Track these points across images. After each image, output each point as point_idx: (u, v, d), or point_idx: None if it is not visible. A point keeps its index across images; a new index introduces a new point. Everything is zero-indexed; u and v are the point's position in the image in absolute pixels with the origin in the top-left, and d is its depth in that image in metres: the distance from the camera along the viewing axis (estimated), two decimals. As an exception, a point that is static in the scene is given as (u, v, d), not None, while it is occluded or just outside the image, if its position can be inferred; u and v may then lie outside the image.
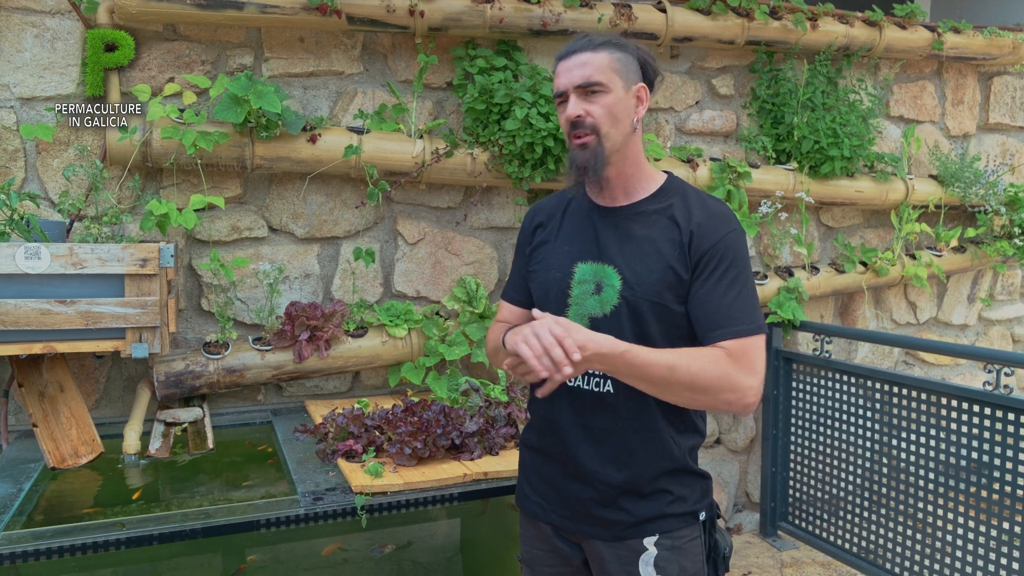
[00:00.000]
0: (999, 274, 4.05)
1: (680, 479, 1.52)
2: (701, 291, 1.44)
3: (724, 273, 1.44)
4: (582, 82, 1.46)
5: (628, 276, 1.46)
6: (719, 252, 1.44)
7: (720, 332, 1.41)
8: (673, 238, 1.47)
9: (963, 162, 3.67)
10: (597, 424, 1.50)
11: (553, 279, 1.54)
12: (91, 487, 2.06)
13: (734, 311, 1.42)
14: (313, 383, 2.76)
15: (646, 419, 1.49)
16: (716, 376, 1.37)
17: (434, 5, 2.70)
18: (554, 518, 1.57)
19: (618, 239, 1.50)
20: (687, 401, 1.39)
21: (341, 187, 2.78)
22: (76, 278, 2.10)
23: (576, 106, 1.46)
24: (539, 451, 1.60)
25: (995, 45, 3.70)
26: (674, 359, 1.36)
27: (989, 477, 2.55)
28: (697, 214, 1.48)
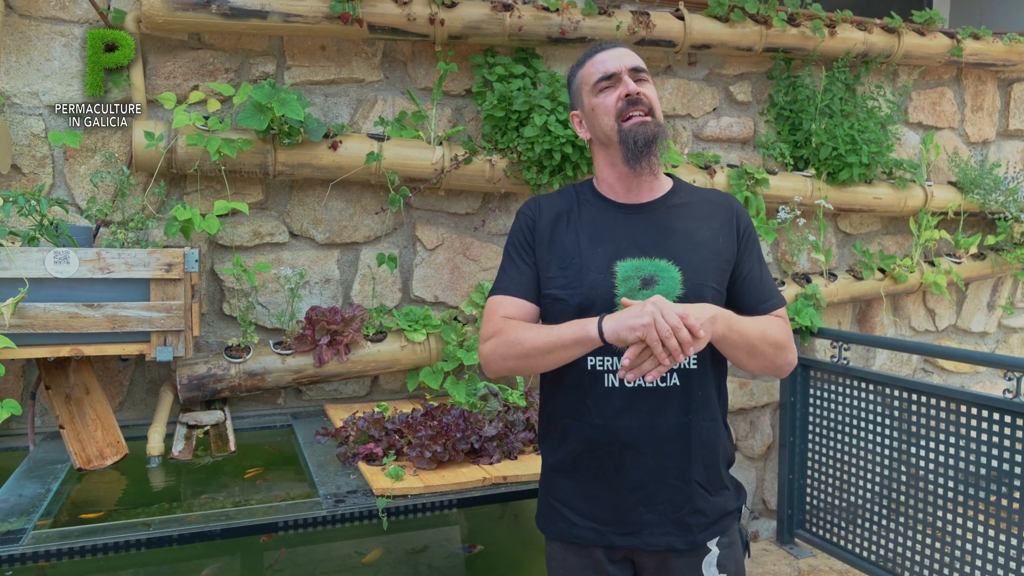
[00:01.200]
0: (1019, 281, 4.02)
1: (729, 471, 1.57)
2: (747, 268, 1.54)
3: (758, 252, 1.58)
4: (635, 65, 1.52)
5: (687, 267, 1.48)
6: (751, 233, 1.58)
7: (770, 303, 1.53)
8: (715, 227, 1.54)
9: (983, 168, 3.65)
10: (666, 421, 1.47)
11: (594, 281, 1.48)
12: (116, 488, 2.09)
13: (770, 284, 1.57)
14: (332, 387, 2.79)
15: (711, 409, 1.50)
16: (785, 337, 1.49)
17: (454, 14, 2.73)
18: (613, 539, 1.48)
19: (662, 233, 1.52)
20: (765, 361, 1.46)
21: (361, 193, 2.81)
22: (103, 282, 2.14)
23: (633, 84, 1.50)
24: (584, 470, 1.50)
25: (1015, 51, 3.68)
26: (760, 323, 1.47)
27: (1010, 486, 2.54)
28: (725, 202, 1.60)
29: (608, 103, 1.50)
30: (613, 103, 1.50)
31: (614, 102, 1.49)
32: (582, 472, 1.51)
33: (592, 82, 1.53)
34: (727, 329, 1.39)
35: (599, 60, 1.53)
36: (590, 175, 2.86)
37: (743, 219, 1.58)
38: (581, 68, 1.58)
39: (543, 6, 2.85)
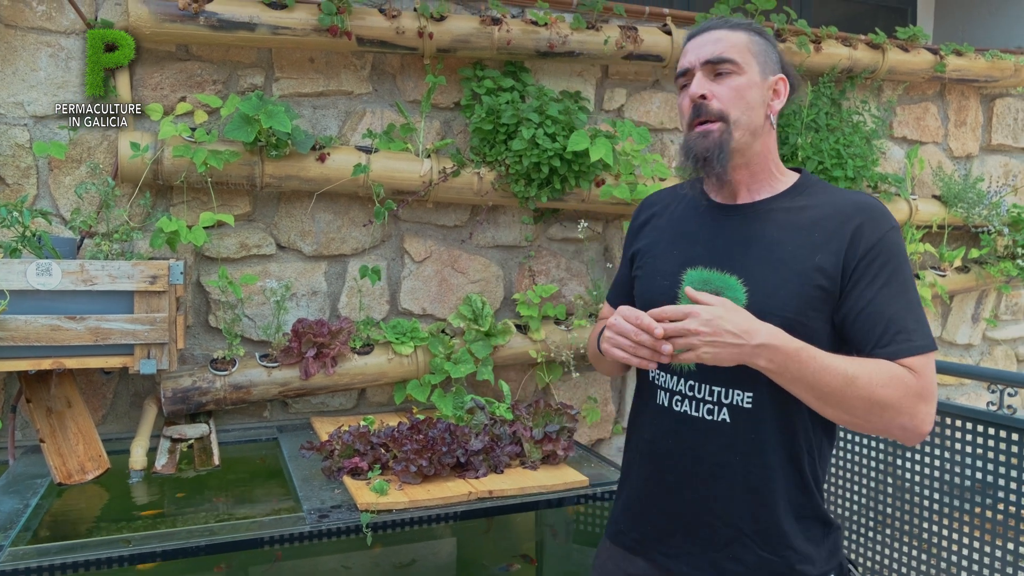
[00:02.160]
0: (1003, 294, 4.05)
1: (808, 532, 1.30)
2: (864, 299, 1.22)
3: (891, 277, 1.22)
4: (712, 57, 1.28)
5: (756, 288, 1.25)
6: (882, 253, 1.23)
7: (896, 348, 1.19)
8: (816, 241, 1.25)
9: (966, 183, 3.69)
10: (711, 457, 1.29)
11: (659, 288, 1.35)
12: (97, 503, 2.07)
13: (909, 322, 1.21)
14: (319, 400, 2.77)
15: (767, 457, 1.27)
16: (899, 396, 1.17)
17: (443, 27, 2.73)
18: (657, 557, 1.37)
19: (742, 243, 1.30)
20: (855, 418, 1.20)
21: (349, 205, 2.80)
22: (86, 294, 2.12)
23: (701, 84, 1.29)
24: (637, 479, 1.42)
25: (997, 68, 3.73)
26: (855, 369, 1.17)
27: (994, 497, 2.55)
28: (848, 210, 1.26)
29: (683, 106, 1.33)
30: (686, 107, 1.32)
31: (686, 106, 1.32)
32: (634, 482, 1.43)
33: (676, 76, 1.36)
34: (773, 364, 1.16)
35: (686, 49, 1.34)
36: (578, 188, 2.88)
37: (869, 233, 1.23)
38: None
39: (532, 20, 2.86)
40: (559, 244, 3.12)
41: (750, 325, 1.16)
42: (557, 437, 2.25)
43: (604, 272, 3.17)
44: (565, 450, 2.26)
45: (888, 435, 1.22)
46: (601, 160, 2.76)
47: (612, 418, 3.20)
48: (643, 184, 2.92)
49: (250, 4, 2.55)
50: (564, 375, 3.02)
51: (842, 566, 1.35)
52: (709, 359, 1.16)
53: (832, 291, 1.24)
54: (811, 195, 1.32)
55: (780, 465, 1.28)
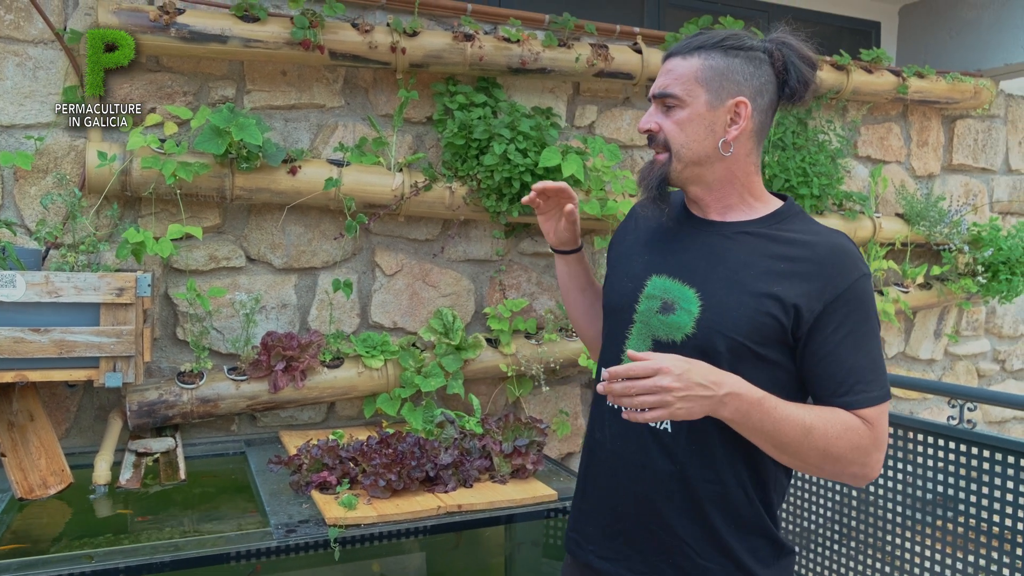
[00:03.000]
0: (964, 311, 4.15)
1: (755, 551, 1.29)
2: (827, 347, 1.22)
3: (854, 327, 1.22)
4: (657, 92, 1.32)
5: (710, 304, 1.26)
6: (850, 301, 1.23)
7: (853, 398, 1.22)
8: (782, 272, 1.25)
9: (928, 201, 3.78)
10: (653, 463, 1.30)
11: (623, 289, 1.37)
12: (60, 518, 2.04)
13: (867, 373, 1.22)
14: (288, 413, 2.76)
15: (712, 466, 1.27)
16: (850, 447, 1.20)
17: (416, 42, 2.75)
18: (593, 560, 1.37)
19: (707, 257, 1.30)
20: (807, 466, 1.22)
21: (320, 218, 2.80)
22: (51, 306, 2.09)
23: (649, 118, 1.32)
24: (586, 480, 1.43)
25: (957, 90, 3.84)
26: (811, 420, 1.19)
27: (955, 511, 2.60)
28: (821, 252, 1.25)
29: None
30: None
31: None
32: (583, 483, 1.44)
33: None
34: (736, 414, 1.17)
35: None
36: (549, 203, 2.90)
37: (839, 279, 1.23)
38: None
39: (504, 37, 2.89)
40: (530, 259, 3.14)
41: (717, 376, 1.16)
42: (527, 451, 2.26)
43: (575, 286, 3.19)
44: (535, 464, 2.27)
45: (838, 480, 1.24)
46: (573, 176, 2.79)
47: (582, 432, 3.21)
48: (613, 200, 2.95)
49: (222, 17, 2.55)
50: (534, 389, 3.03)
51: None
52: (682, 415, 1.14)
53: (786, 324, 1.23)
54: (789, 226, 1.31)
55: (723, 478, 1.28)
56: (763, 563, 1.29)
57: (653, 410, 1.12)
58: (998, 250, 3.74)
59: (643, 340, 1.31)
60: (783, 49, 1.31)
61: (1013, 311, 4.30)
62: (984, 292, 3.83)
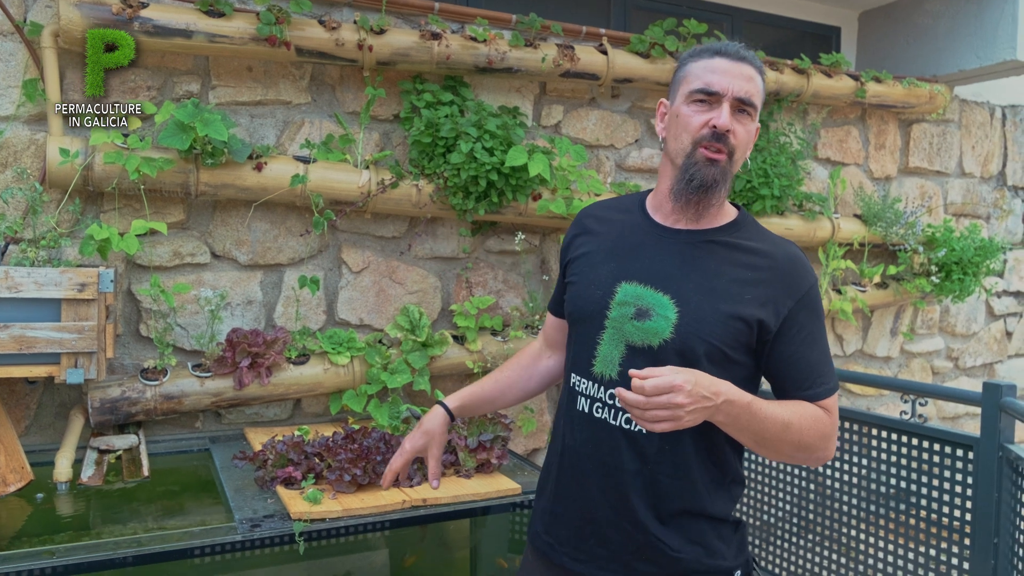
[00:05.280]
0: (919, 309, 4.27)
1: (718, 530, 1.38)
2: (791, 348, 1.33)
3: (812, 329, 1.35)
4: (745, 97, 1.32)
5: (687, 311, 1.31)
6: (807, 306, 1.34)
7: (815, 391, 1.34)
8: (749, 280, 1.34)
9: (885, 203, 3.88)
10: (625, 465, 1.35)
11: (592, 297, 1.40)
12: (19, 516, 2.01)
13: (823, 368, 1.35)
14: (253, 410, 2.75)
15: (680, 465, 1.34)
16: (819, 436, 1.32)
17: (383, 40, 2.76)
18: (567, 561, 1.41)
19: (681, 265, 1.36)
20: (781, 456, 1.34)
21: (286, 215, 2.80)
22: (10, 302, 2.07)
23: (729, 118, 1.32)
24: (555, 482, 1.46)
25: (913, 95, 3.94)
26: (788, 416, 1.29)
27: (908, 503, 2.68)
28: (782, 263, 1.36)
29: (694, 122, 1.34)
30: (698, 125, 1.33)
31: (700, 125, 1.33)
32: (552, 485, 1.46)
33: (692, 87, 1.35)
34: (728, 417, 1.24)
35: (712, 67, 1.34)
36: (515, 202, 2.94)
37: (798, 287, 1.34)
38: (694, 61, 1.38)
39: (471, 36, 2.91)
40: (496, 256, 3.16)
41: (716, 387, 1.21)
42: (491, 446, 2.29)
43: (541, 284, 3.23)
44: (499, 459, 2.29)
45: (802, 464, 1.36)
46: (539, 175, 2.82)
47: (548, 428, 3.25)
48: (579, 199, 2.99)
49: (187, 11, 2.54)
50: (501, 386, 3.05)
51: (749, 562, 1.43)
52: (689, 424, 1.20)
53: (755, 330, 1.32)
54: (747, 235, 1.39)
55: (694, 474, 1.34)
56: (726, 541, 1.39)
57: (666, 423, 1.17)
58: (951, 251, 3.86)
59: (615, 345, 1.35)
60: None
61: (966, 310, 4.44)
62: (938, 292, 3.94)
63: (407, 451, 1.53)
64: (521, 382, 1.64)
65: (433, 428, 1.53)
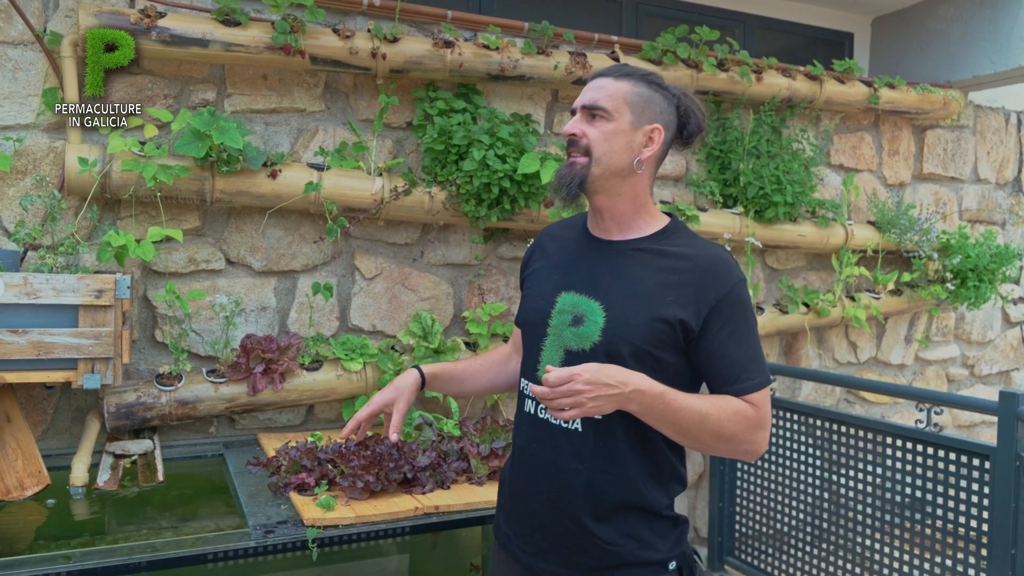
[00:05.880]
0: (934, 316, 4.24)
1: (652, 525, 1.46)
2: (715, 345, 1.41)
3: (736, 326, 1.42)
4: (588, 103, 1.45)
5: (613, 315, 1.42)
6: (729, 304, 1.42)
7: (740, 386, 1.41)
8: (671, 283, 1.42)
9: (899, 209, 3.86)
10: (564, 463, 1.45)
11: (536, 307, 1.52)
12: (37, 519, 2.03)
13: (750, 364, 1.42)
14: (266, 416, 2.76)
15: (616, 462, 1.43)
16: (740, 428, 1.39)
17: (396, 48, 2.78)
18: (519, 553, 1.52)
19: (608, 273, 1.46)
20: (704, 447, 1.41)
21: (300, 222, 2.82)
22: (29, 308, 2.09)
23: (575, 124, 1.46)
24: (511, 481, 1.57)
25: (927, 101, 3.93)
26: (706, 407, 1.37)
27: (924, 512, 2.66)
28: (703, 264, 1.44)
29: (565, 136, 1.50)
30: (565, 140, 1.49)
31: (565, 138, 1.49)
32: (509, 484, 1.57)
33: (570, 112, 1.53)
34: (642, 407, 1.34)
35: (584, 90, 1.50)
36: (527, 209, 2.95)
37: (719, 286, 1.42)
38: None
39: (484, 44, 2.92)
40: (508, 263, 3.17)
41: (624, 376, 1.32)
42: (503, 453, 2.29)
43: (553, 291, 3.23)
44: (511, 466, 2.29)
45: (731, 456, 1.46)
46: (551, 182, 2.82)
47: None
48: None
49: (203, 21, 2.56)
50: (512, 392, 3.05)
51: (685, 555, 1.51)
52: (595, 411, 1.30)
53: (678, 330, 1.40)
54: (675, 241, 1.49)
55: (627, 472, 1.43)
56: (662, 535, 1.47)
57: (571, 410, 1.29)
58: (966, 257, 3.83)
59: (555, 351, 1.46)
60: (687, 99, 1.50)
61: (981, 317, 4.40)
62: (953, 298, 3.92)
63: (375, 403, 1.59)
64: (491, 374, 1.74)
65: (404, 386, 1.61)
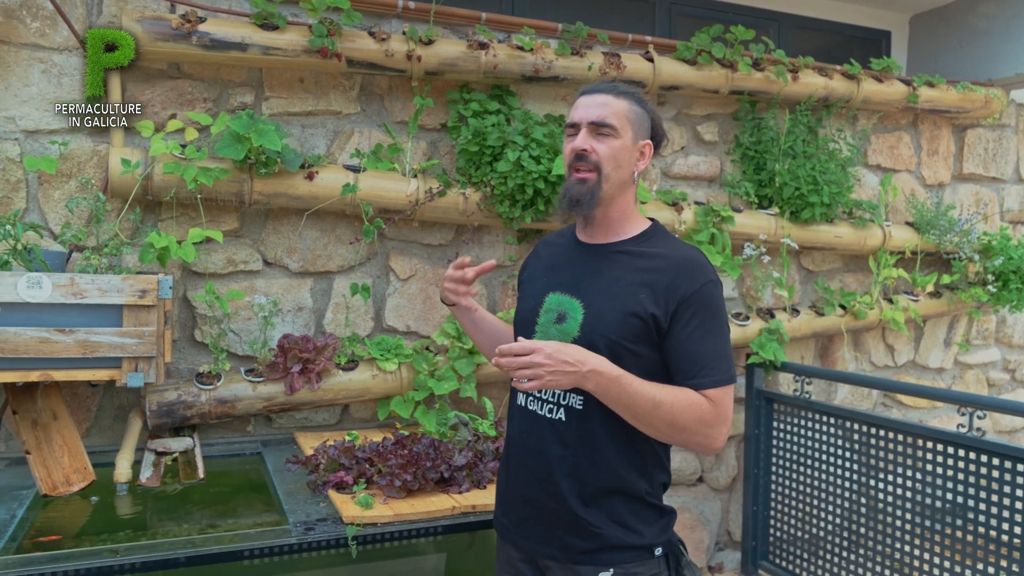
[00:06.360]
0: (974, 319, 4.16)
1: (639, 512, 1.55)
2: (679, 339, 1.50)
3: (701, 323, 1.50)
4: (597, 119, 1.54)
5: (591, 312, 1.53)
6: (696, 302, 1.50)
7: (699, 381, 1.49)
8: (645, 281, 1.52)
9: (938, 210, 3.79)
10: (550, 451, 1.55)
11: (527, 307, 1.64)
12: (83, 514, 2.08)
13: (712, 361, 1.50)
14: (302, 415, 2.80)
15: (596, 449, 1.53)
16: (694, 419, 1.46)
17: (431, 50, 2.80)
18: (516, 539, 1.62)
19: (589, 274, 1.58)
20: (659, 435, 1.49)
21: (336, 223, 2.84)
22: (76, 307, 2.14)
23: (585, 139, 1.54)
24: (506, 472, 1.66)
25: (968, 99, 3.86)
26: (661, 396, 1.45)
27: (965, 519, 2.61)
28: (675, 263, 1.53)
29: (566, 151, 1.59)
30: (567, 153, 1.58)
31: (568, 152, 1.57)
32: (505, 475, 1.66)
33: (565, 126, 1.62)
34: (598, 387, 1.43)
35: (576, 105, 1.59)
36: (561, 210, 2.94)
37: (688, 283, 1.51)
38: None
39: (518, 46, 2.93)
40: (542, 264, 3.17)
41: (583, 356, 1.42)
42: (539, 454, 2.29)
43: (586, 292, 3.23)
44: (547, 466, 2.29)
45: (683, 447, 1.52)
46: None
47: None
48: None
49: (242, 25, 2.60)
50: (546, 393, 3.05)
51: (671, 542, 1.59)
52: (552, 385, 1.41)
53: (650, 324, 1.50)
54: (653, 244, 1.59)
55: (611, 459, 1.53)
56: (647, 522, 1.56)
57: (530, 381, 1.39)
58: (1008, 259, 3.76)
59: None
60: (656, 114, 1.63)
61: (1023, 320, 4.31)
62: (994, 301, 3.84)
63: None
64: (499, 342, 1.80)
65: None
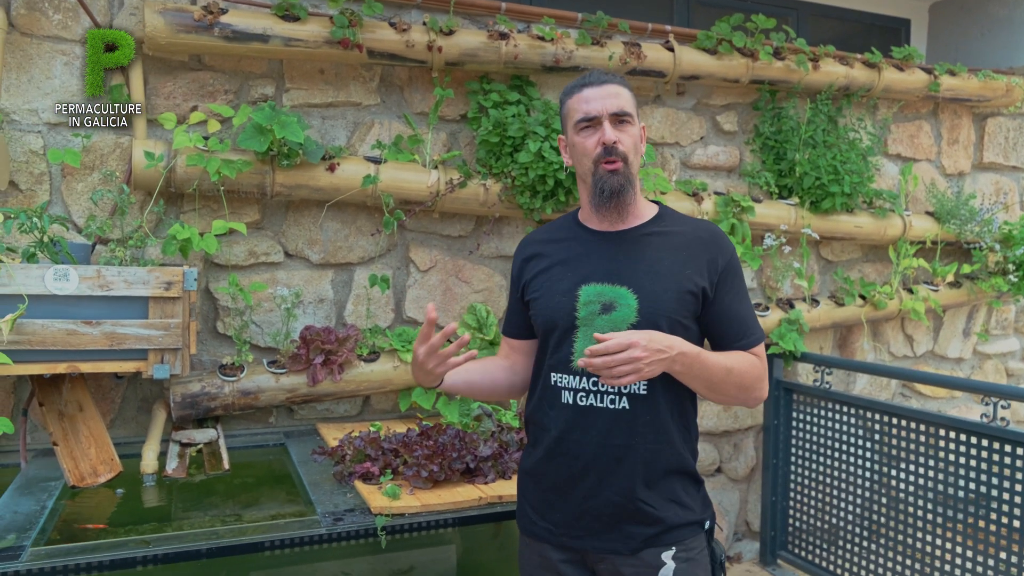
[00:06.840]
0: (994, 309, 4.13)
1: (688, 488, 1.60)
2: (724, 305, 1.58)
3: (737, 289, 1.61)
4: (618, 111, 1.56)
5: (645, 296, 1.54)
6: (733, 267, 1.61)
7: (747, 341, 1.59)
8: (684, 259, 1.57)
9: (959, 200, 3.77)
10: (614, 441, 1.54)
11: (558, 304, 1.59)
12: (110, 505, 2.09)
13: (749, 321, 1.61)
14: (324, 406, 2.81)
15: (661, 432, 1.55)
16: (755, 377, 1.57)
17: (451, 41, 2.79)
18: (565, 540, 1.59)
19: (629, 260, 1.58)
20: (727, 399, 1.58)
21: (356, 215, 2.84)
22: (102, 300, 2.15)
23: (612, 132, 1.55)
24: (546, 474, 1.62)
25: (989, 88, 3.82)
26: (730, 363, 1.54)
27: (987, 508, 2.61)
28: (704, 237, 1.61)
29: (587, 145, 1.57)
30: (592, 147, 1.57)
31: (593, 146, 1.57)
32: (543, 478, 1.63)
33: (575, 120, 1.59)
34: (684, 367, 1.47)
35: (584, 98, 1.58)
36: (582, 200, 2.94)
37: (723, 254, 1.60)
38: (569, 98, 1.63)
39: (538, 35, 2.92)
40: (562, 255, 3.16)
41: (670, 340, 1.45)
42: (563, 444, 2.29)
43: (605, 283, 3.22)
44: (571, 457, 2.29)
45: (742, 404, 1.62)
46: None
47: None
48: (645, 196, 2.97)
49: (264, 16, 2.60)
50: (566, 384, 3.05)
51: (713, 516, 1.64)
52: (649, 374, 1.42)
53: (699, 296, 1.56)
54: (672, 223, 1.64)
55: (671, 439, 1.56)
56: (693, 496, 1.61)
57: (629, 375, 1.39)
58: (1029, 248, 3.73)
59: (588, 340, 1.53)
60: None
61: (1043, 310, 4.29)
62: (1015, 291, 3.82)
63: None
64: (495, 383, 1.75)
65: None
